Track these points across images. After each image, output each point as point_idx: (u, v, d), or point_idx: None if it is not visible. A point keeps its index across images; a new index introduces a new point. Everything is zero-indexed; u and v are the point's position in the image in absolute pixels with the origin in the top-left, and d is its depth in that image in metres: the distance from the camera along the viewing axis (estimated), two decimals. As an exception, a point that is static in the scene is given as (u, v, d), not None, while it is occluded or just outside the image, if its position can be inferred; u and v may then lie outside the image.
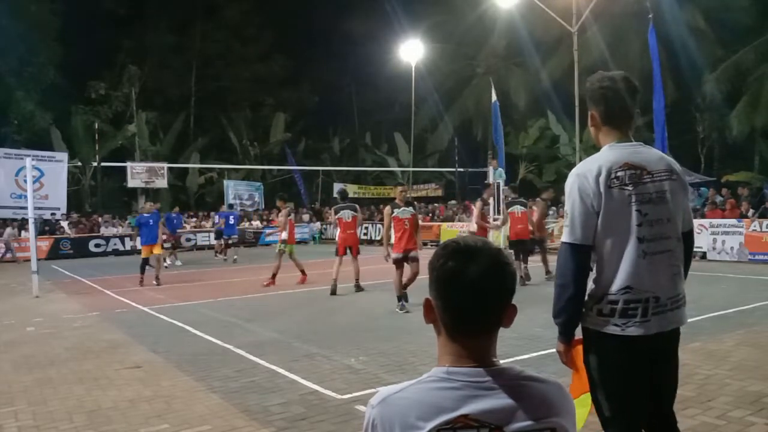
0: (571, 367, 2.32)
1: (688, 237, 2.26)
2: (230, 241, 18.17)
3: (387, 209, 8.63)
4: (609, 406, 2.17)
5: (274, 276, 11.04)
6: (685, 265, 2.28)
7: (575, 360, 2.30)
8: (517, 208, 10.43)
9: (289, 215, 11.32)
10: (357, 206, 10.36)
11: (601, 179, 2.08)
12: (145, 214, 12.67)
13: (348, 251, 10.01)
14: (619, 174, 2.09)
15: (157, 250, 12.30)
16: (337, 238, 10.23)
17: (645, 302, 2.09)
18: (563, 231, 2.18)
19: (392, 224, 8.51)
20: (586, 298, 2.18)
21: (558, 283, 2.18)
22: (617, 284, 2.10)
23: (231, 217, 18.43)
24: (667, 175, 2.16)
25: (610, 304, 2.11)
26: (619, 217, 2.09)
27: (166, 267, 16.36)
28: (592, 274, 2.17)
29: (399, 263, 8.26)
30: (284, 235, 11.23)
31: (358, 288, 10.03)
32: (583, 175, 2.11)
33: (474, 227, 10.08)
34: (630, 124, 2.24)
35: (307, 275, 11.24)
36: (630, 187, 2.08)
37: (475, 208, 10.42)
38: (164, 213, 17.33)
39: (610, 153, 2.16)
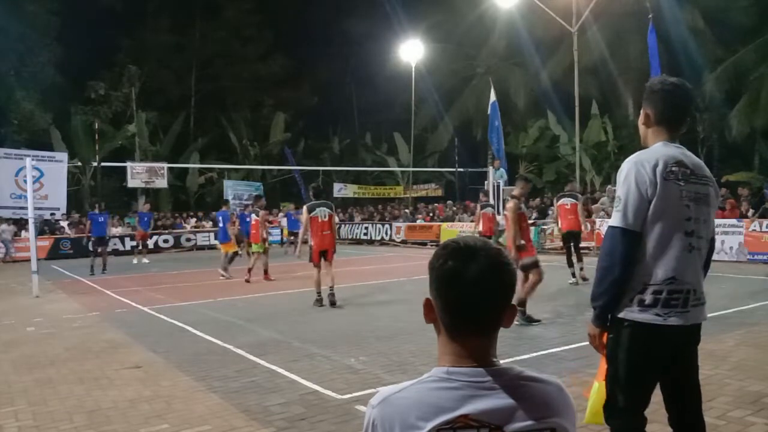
0: (600, 352, 2.35)
1: (711, 242, 2.36)
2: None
3: (514, 205, 6.88)
4: (624, 398, 2.22)
5: (264, 272, 11.99)
6: (706, 269, 2.37)
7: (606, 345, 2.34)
8: (489, 210, 13.08)
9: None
10: (332, 204, 8.97)
11: (659, 170, 2.16)
12: (224, 211, 13.86)
13: (322, 257, 8.47)
14: (674, 169, 2.18)
15: (229, 248, 12.99)
16: (310, 242, 8.54)
17: (686, 293, 2.18)
18: (613, 215, 2.22)
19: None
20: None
21: (602, 266, 2.22)
22: (662, 274, 2.16)
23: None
24: (707, 180, 2.26)
25: (654, 293, 2.16)
26: (670, 209, 2.16)
27: (134, 263, 16.55)
28: (634, 264, 2.20)
29: (534, 268, 6.78)
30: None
31: (332, 299, 8.46)
32: (641, 164, 2.19)
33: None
34: (679, 129, 2.32)
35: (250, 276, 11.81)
36: (682, 183, 2.18)
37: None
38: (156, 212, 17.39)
39: (665, 149, 2.24)
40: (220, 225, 13.39)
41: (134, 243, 17.94)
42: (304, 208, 8.67)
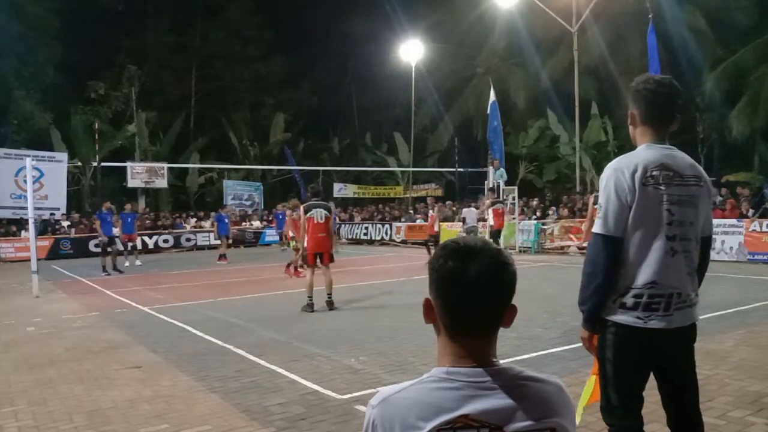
0: (593, 354, 2.38)
1: (706, 242, 2.32)
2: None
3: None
4: (618, 397, 2.24)
5: (297, 267, 12.55)
6: (702, 270, 2.34)
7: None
8: (430, 212, 15.86)
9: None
10: (331, 206, 8.74)
11: (637, 176, 2.15)
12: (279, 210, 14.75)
13: (318, 259, 8.27)
14: (654, 173, 2.16)
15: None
16: (305, 244, 8.39)
17: (669, 297, 2.17)
18: (595, 222, 2.24)
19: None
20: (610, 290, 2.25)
21: (587, 272, 2.24)
22: (643, 279, 2.17)
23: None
24: (696, 181, 2.24)
25: (635, 297, 2.18)
26: (650, 214, 2.16)
27: (126, 265, 16.19)
28: (618, 268, 2.22)
29: None
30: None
31: (331, 305, 8.27)
32: (620, 170, 2.19)
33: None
34: (667, 128, 2.30)
35: (293, 270, 12.52)
36: (663, 187, 2.16)
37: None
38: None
39: (647, 152, 2.23)
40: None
41: (130, 244, 17.63)
42: (301, 208, 8.47)
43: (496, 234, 14.64)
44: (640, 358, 2.22)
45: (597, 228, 2.22)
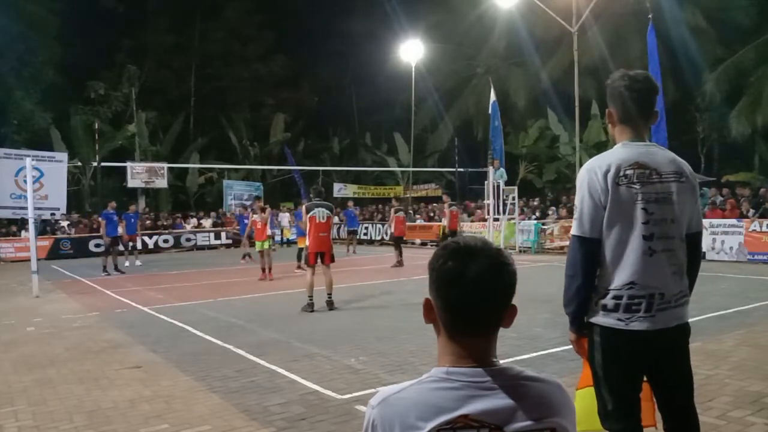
0: (583, 356, 2.36)
1: (694, 238, 2.26)
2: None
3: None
4: (611, 401, 2.21)
5: (263, 270, 12.34)
6: (694, 268, 2.29)
7: (587, 349, 2.32)
8: (401, 213, 15.44)
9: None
10: (332, 206, 8.84)
11: (610, 176, 2.12)
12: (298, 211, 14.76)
13: (319, 259, 8.35)
14: (627, 172, 2.13)
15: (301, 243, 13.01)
16: (306, 243, 8.53)
17: (650, 298, 2.12)
18: (573, 224, 2.22)
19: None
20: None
21: (568, 274, 2.23)
22: (621, 280, 2.14)
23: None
24: (676, 177, 2.18)
25: (615, 299, 2.15)
26: (624, 214, 2.12)
27: (126, 266, 16.12)
28: (597, 269, 2.19)
29: None
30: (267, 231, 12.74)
31: (331, 305, 8.32)
32: (593, 171, 2.16)
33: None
34: (645, 124, 2.27)
35: (265, 275, 12.27)
36: (637, 186, 2.12)
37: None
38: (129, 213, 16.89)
39: (621, 151, 2.20)
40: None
41: (131, 244, 17.56)
42: (303, 208, 8.55)
43: (451, 235, 14.87)
44: (627, 361, 2.17)
45: (573, 230, 2.20)
